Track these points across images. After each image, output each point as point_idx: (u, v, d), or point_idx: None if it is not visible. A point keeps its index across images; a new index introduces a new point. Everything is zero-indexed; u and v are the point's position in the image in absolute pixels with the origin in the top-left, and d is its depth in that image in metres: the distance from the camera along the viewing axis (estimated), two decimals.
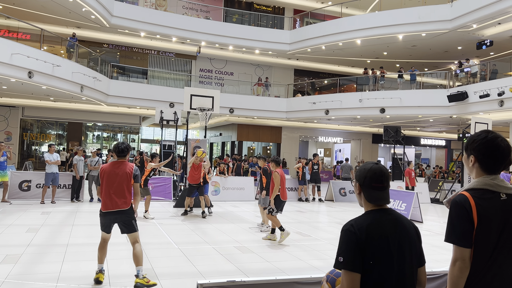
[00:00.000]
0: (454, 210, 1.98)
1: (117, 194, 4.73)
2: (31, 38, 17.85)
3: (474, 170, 2.07)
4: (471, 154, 2.07)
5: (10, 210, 9.94)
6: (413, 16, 18.24)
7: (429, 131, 28.23)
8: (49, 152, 11.52)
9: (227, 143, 28.68)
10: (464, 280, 1.95)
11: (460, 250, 1.94)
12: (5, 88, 16.60)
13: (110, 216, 4.79)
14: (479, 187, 1.99)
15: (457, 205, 1.97)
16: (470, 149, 2.08)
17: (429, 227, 10.19)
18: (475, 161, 2.05)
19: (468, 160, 2.09)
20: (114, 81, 20.42)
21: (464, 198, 1.96)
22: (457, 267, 1.94)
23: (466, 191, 2.01)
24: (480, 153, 2.02)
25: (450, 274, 1.97)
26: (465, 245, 1.93)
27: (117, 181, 4.75)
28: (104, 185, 4.76)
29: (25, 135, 23.95)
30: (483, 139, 2.03)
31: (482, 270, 1.92)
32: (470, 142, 2.08)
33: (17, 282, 4.77)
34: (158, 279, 5.09)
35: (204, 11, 24.18)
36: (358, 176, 2.10)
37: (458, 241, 1.94)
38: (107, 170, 4.79)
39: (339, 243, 1.96)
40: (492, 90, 15.42)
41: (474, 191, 1.99)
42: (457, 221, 1.95)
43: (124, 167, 4.82)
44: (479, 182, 2.00)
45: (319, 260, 6.42)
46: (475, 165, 2.05)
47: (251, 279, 2.93)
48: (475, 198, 1.95)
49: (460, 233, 1.94)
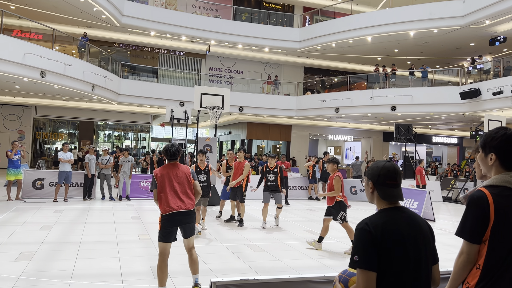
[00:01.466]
0: (470, 206, 1.96)
1: (184, 195, 4.54)
2: (43, 38, 18.05)
3: (494, 168, 2.02)
4: (491, 152, 2.02)
5: (24, 208, 10.08)
6: (424, 13, 18.02)
7: (441, 128, 27.91)
8: (63, 150, 11.66)
9: (237, 142, 28.72)
10: (466, 273, 1.97)
11: (468, 245, 1.95)
12: (18, 87, 16.83)
13: (177, 217, 4.45)
14: (498, 184, 1.95)
15: (473, 201, 1.95)
16: (489, 146, 2.03)
17: (441, 226, 10.08)
18: (496, 158, 2.00)
19: (487, 158, 2.05)
20: (125, 80, 20.56)
21: (482, 195, 1.94)
22: (461, 260, 1.97)
23: (484, 187, 1.97)
24: (502, 150, 1.98)
25: (455, 265, 2.02)
26: (473, 241, 1.93)
27: (180, 182, 4.55)
28: (166, 187, 4.46)
29: (38, 134, 24.26)
30: (503, 135, 1.98)
31: (497, 270, 1.89)
32: (488, 140, 2.03)
33: (31, 279, 4.83)
34: (170, 277, 5.12)
35: (214, 9, 24.20)
36: (371, 174, 2.08)
37: (467, 236, 1.95)
38: (164, 172, 4.52)
39: (353, 242, 1.95)
40: (505, 87, 15.19)
41: (493, 188, 1.95)
42: (471, 217, 1.94)
43: (181, 168, 4.62)
44: (498, 179, 1.96)
45: (330, 259, 6.39)
46: (495, 163, 2.01)
47: (265, 278, 2.93)
48: (494, 195, 1.91)
49: (471, 229, 1.93)
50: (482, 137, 2.12)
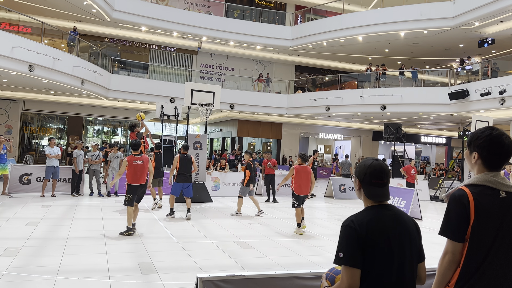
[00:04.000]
0: (451, 204, 1.99)
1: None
2: (32, 31, 17.82)
3: (476, 166, 2.06)
4: (474, 151, 2.05)
5: (10, 203, 9.96)
6: (415, 13, 18.17)
7: (429, 128, 28.22)
8: (50, 145, 11.52)
9: (228, 139, 28.69)
10: (451, 273, 1.97)
11: (452, 244, 1.97)
12: (5, 81, 16.59)
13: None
14: (479, 183, 1.98)
15: (455, 200, 1.97)
16: (473, 145, 2.06)
17: (428, 224, 10.21)
18: (478, 157, 2.03)
19: (471, 156, 2.08)
20: (115, 76, 20.39)
21: (462, 193, 1.96)
22: (446, 260, 1.98)
23: (465, 186, 2.00)
24: (484, 149, 2.01)
25: (439, 266, 2.01)
26: (457, 239, 1.95)
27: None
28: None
29: (25, 128, 23.94)
30: (488, 136, 2.01)
31: (478, 267, 1.91)
32: (474, 138, 2.06)
33: (17, 275, 4.78)
34: (157, 273, 5.11)
35: (206, 6, 24.10)
36: (358, 173, 2.08)
37: (451, 234, 1.97)
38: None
39: (339, 239, 1.96)
40: (493, 88, 15.40)
41: (474, 187, 1.98)
42: (453, 215, 1.97)
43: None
44: (479, 178, 2.00)
45: (318, 256, 6.43)
46: (478, 161, 2.04)
47: (251, 274, 2.94)
48: (474, 194, 1.94)
49: (454, 227, 1.95)
50: (469, 135, 2.15)
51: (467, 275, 1.93)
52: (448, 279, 1.98)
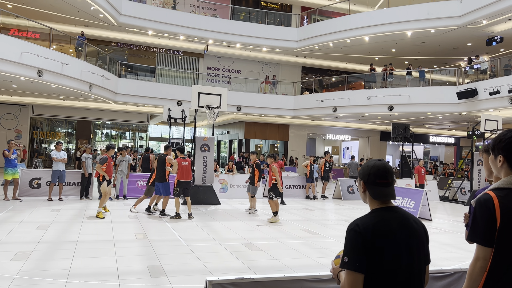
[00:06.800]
0: (477, 209, 1.96)
1: None
2: (41, 37, 17.98)
3: (503, 170, 2.03)
4: (499, 154, 2.03)
5: (20, 207, 10.06)
6: (422, 13, 18.06)
7: (438, 128, 27.99)
8: (56, 150, 11.61)
9: (235, 141, 28.71)
10: (481, 279, 1.94)
11: (482, 249, 1.93)
12: (15, 86, 16.78)
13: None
14: (505, 186, 1.96)
15: (480, 204, 1.95)
16: (497, 148, 2.04)
17: (438, 225, 10.12)
18: (504, 160, 2.01)
19: (496, 160, 2.06)
20: (122, 80, 20.53)
21: (487, 197, 1.94)
22: (478, 266, 1.94)
23: (491, 190, 1.98)
24: (509, 151, 1.99)
25: (471, 272, 1.97)
26: (487, 244, 1.92)
27: None
28: None
29: (35, 133, 24.21)
30: (511, 137, 1.99)
31: (505, 271, 1.89)
32: (497, 142, 2.05)
33: (28, 278, 4.82)
34: (167, 276, 5.12)
35: (212, 9, 24.18)
36: (361, 174, 2.05)
37: (480, 240, 1.93)
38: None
39: (344, 243, 1.93)
40: (502, 87, 15.24)
41: (500, 191, 1.96)
42: (480, 220, 1.94)
43: None
44: (505, 182, 1.97)
45: (327, 258, 6.40)
46: (504, 164, 2.01)
47: (260, 276, 2.93)
48: (499, 197, 1.92)
49: (482, 232, 1.92)
50: (492, 139, 2.13)
51: (493, 279, 1.91)
52: (479, 284, 1.95)
